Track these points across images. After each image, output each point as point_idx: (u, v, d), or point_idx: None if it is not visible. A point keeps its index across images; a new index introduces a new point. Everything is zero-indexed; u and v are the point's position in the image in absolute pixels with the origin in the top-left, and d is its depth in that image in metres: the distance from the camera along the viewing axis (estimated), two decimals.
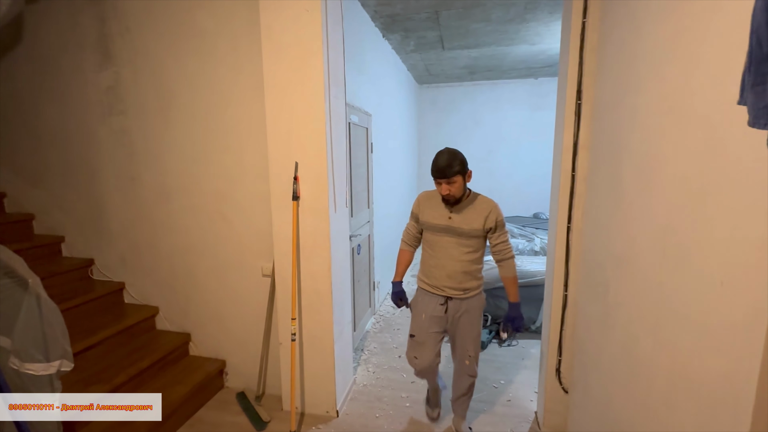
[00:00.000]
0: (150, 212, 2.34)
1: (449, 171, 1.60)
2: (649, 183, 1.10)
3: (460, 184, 1.64)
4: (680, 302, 0.92)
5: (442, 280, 1.74)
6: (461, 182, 1.64)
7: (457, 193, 1.65)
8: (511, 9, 2.96)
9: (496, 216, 1.69)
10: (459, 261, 1.70)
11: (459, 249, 1.70)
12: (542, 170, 5.58)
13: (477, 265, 1.75)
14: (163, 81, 2.18)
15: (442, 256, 1.73)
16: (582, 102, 1.67)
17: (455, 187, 1.64)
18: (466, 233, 1.68)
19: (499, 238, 1.71)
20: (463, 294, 1.74)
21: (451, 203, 1.70)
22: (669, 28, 1.02)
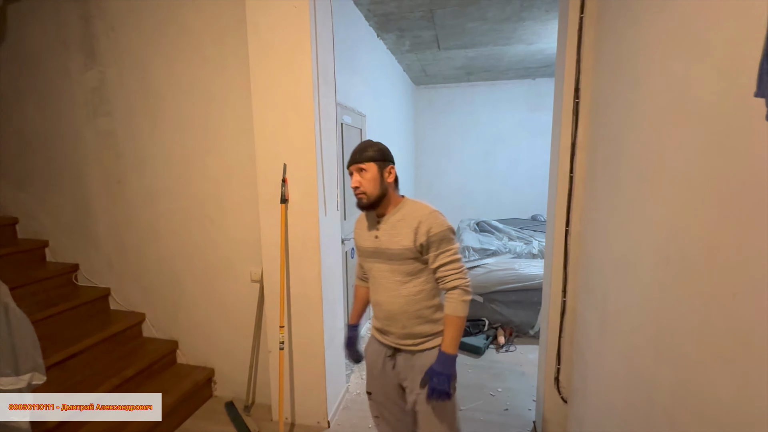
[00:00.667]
0: (137, 216, 2.28)
1: (361, 155, 1.24)
2: (649, 183, 1.04)
3: (373, 176, 1.23)
4: (685, 313, 0.86)
5: (383, 323, 1.30)
6: (376, 174, 1.24)
7: (369, 188, 1.23)
8: (506, 7, 2.91)
9: (429, 227, 1.19)
10: (397, 296, 1.25)
11: (393, 279, 1.25)
12: (540, 172, 5.52)
13: (428, 301, 1.25)
14: (149, 81, 2.12)
15: (378, 289, 1.30)
16: (580, 101, 1.61)
17: (367, 179, 1.23)
18: (396, 255, 1.22)
19: (438, 260, 1.20)
20: (412, 345, 1.26)
21: (369, 211, 1.28)
22: (670, 18, 0.95)
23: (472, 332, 2.98)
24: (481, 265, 3.15)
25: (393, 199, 1.29)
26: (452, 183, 5.94)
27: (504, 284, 3.02)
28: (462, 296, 1.20)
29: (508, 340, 2.92)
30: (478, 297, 3.07)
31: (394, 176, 1.29)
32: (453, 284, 1.21)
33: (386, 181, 1.26)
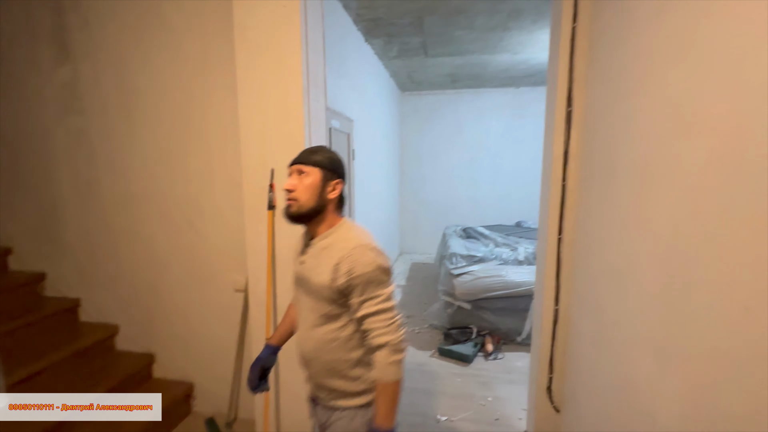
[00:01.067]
0: (110, 220, 2.14)
1: (308, 156, 1.04)
2: (647, 194, 1.03)
3: (314, 184, 1.01)
4: (692, 326, 0.84)
5: (301, 364, 1.11)
6: (317, 183, 1.01)
7: (304, 196, 1.01)
8: (495, 16, 2.93)
9: (351, 266, 0.95)
10: (308, 337, 1.05)
11: (309, 316, 1.05)
12: (524, 179, 5.62)
13: (344, 353, 1.02)
14: (126, 78, 2.01)
15: (298, 322, 1.10)
16: (572, 109, 1.61)
17: (305, 185, 1.01)
18: (314, 290, 1.02)
19: (362, 308, 0.97)
20: (327, 398, 1.07)
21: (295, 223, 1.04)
22: (669, 28, 0.95)
23: (460, 340, 2.96)
24: (469, 272, 3.14)
25: (329, 219, 1.05)
26: (437, 189, 5.96)
27: (491, 291, 3.01)
28: (390, 357, 0.95)
29: (496, 347, 2.91)
30: (465, 304, 3.05)
31: (338, 194, 1.06)
32: (379, 341, 0.96)
33: (326, 196, 1.03)
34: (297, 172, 1.04)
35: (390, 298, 1.00)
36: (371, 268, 0.96)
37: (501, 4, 2.73)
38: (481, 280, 3.06)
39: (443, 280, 3.33)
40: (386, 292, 0.99)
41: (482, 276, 3.08)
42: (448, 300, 3.14)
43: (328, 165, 1.04)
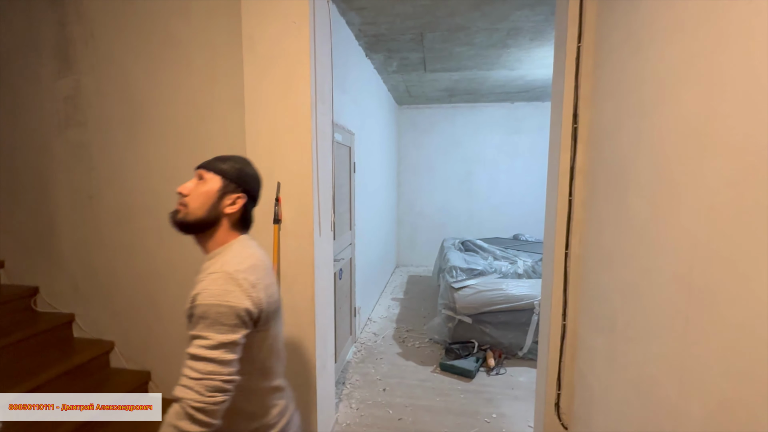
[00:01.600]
0: (109, 234, 2.10)
1: (214, 163, 0.95)
2: (666, 213, 1.04)
3: (209, 192, 0.92)
4: (716, 346, 0.84)
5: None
6: (213, 192, 0.92)
7: (195, 203, 0.91)
8: (494, 34, 2.99)
9: (198, 291, 0.82)
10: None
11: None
12: (520, 192, 5.67)
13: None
14: (129, 91, 1.99)
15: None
16: (578, 126, 1.64)
17: (199, 191, 0.92)
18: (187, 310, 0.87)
19: (190, 345, 0.80)
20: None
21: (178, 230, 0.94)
22: (682, 50, 0.98)
23: (461, 355, 2.93)
24: (469, 286, 3.13)
25: (221, 236, 0.93)
26: (434, 201, 5.98)
27: (493, 305, 3.00)
28: (178, 420, 0.75)
29: (498, 362, 2.88)
30: (467, 318, 3.03)
31: (238, 209, 0.95)
32: (176, 392, 0.77)
33: (222, 209, 0.93)
34: (198, 176, 0.94)
35: (221, 348, 0.78)
36: (216, 302, 0.79)
37: (500, 23, 2.79)
38: (482, 294, 3.05)
39: (443, 293, 3.31)
40: (218, 338, 0.78)
41: (483, 289, 3.08)
42: (449, 314, 3.11)
43: (233, 176, 0.94)
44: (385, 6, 2.52)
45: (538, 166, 5.37)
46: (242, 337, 0.83)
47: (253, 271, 0.89)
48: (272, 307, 0.93)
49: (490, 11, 2.59)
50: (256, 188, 1.00)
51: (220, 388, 0.77)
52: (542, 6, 2.51)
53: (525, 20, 2.74)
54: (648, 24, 1.14)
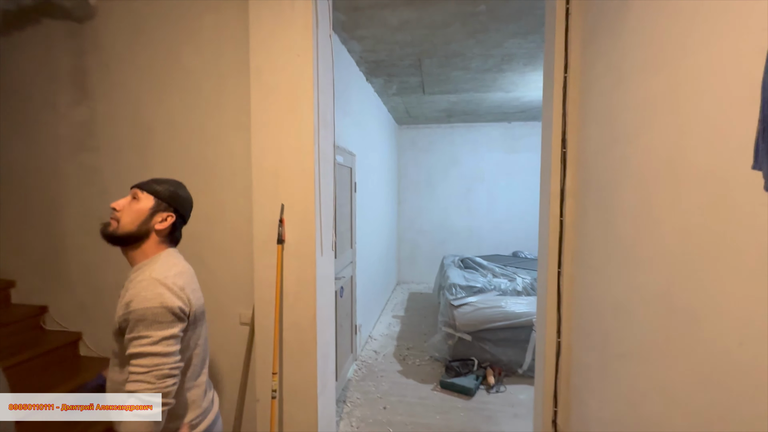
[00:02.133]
0: (118, 254, 2.15)
1: (149, 184, 1.06)
2: (646, 234, 1.11)
3: (141, 210, 1.01)
4: (694, 360, 0.89)
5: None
6: (145, 210, 1.02)
7: (127, 218, 1.01)
8: (489, 60, 3.13)
9: (131, 298, 0.91)
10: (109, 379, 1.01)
11: (113, 355, 1.01)
12: (519, 210, 5.75)
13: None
14: (141, 117, 2.09)
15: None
16: (567, 150, 1.72)
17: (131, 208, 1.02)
18: (113, 326, 0.97)
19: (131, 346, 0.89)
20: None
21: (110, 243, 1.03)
22: (660, 83, 1.06)
23: (461, 372, 2.94)
24: (469, 303, 3.16)
25: (149, 249, 1.02)
26: (434, 219, 6.06)
27: (492, 322, 3.03)
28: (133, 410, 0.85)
29: (498, 379, 2.89)
30: (466, 336, 3.06)
31: (167, 227, 1.04)
32: (129, 387, 0.87)
33: (152, 225, 1.02)
34: (132, 195, 1.05)
35: (162, 342, 0.88)
36: (151, 304, 0.89)
37: (494, 50, 2.92)
38: (481, 311, 3.08)
39: (443, 311, 3.34)
40: (158, 335, 0.88)
41: (482, 307, 3.11)
42: (449, 331, 3.14)
43: (165, 196, 1.05)
44: (385, 35, 2.65)
45: (537, 184, 5.45)
46: (180, 330, 0.94)
47: (181, 276, 1.00)
48: (199, 310, 1.05)
49: (485, 39, 2.72)
50: (187, 209, 1.13)
51: (167, 374, 0.88)
52: (534, 35, 2.64)
53: (518, 47, 2.87)
54: (628, 58, 1.24)
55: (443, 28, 2.53)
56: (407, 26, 2.51)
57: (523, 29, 2.56)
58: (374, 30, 2.56)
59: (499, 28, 2.54)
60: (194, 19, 2.00)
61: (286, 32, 1.77)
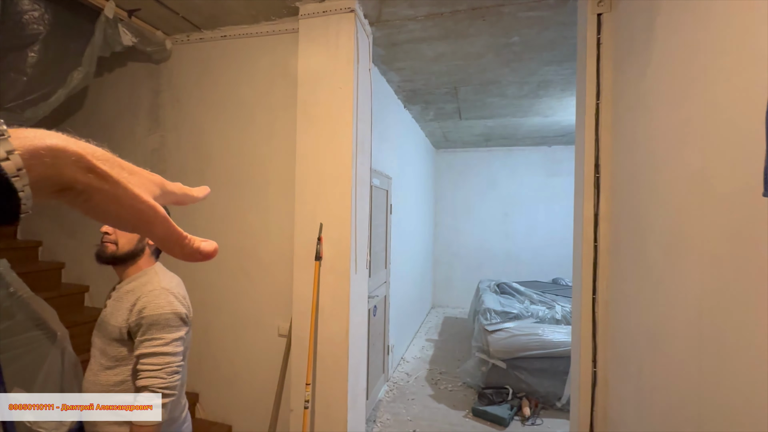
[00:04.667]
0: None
1: None
2: (676, 260, 1.10)
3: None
4: (725, 394, 0.87)
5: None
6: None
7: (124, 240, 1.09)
8: (524, 87, 3.18)
9: (144, 306, 1.03)
10: (93, 382, 1.07)
11: (98, 360, 1.07)
12: (560, 235, 5.56)
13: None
14: (203, 145, 2.37)
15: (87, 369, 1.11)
16: (600, 175, 1.72)
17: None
18: (109, 332, 1.06)
19: (140, 348, 1.01)
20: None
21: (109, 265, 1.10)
22: (683, 114, 1.08)
23: (495, 401, 2.86)
24: (504, 329, 3.10)
25: (141, 263, 1.12)
26: (471, 242, 6.00)
27: (528, 350, 2.94)
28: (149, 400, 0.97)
29: (533, 411, 2.78)
30: (500, 363, 2.98)
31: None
32: (142, 383, 0.98)
33: (146, 241, 1.11)
34: None
35: (172, 343, 1.01)
36: (162, 311, 1.02)
37: (530, 77, 2.98)
38: (516, 338, 3.00)
39: (477, 336, 3.29)
40: (170, 337, 1.01)
41: (518, 333, 3.03)
42: (483, 357, 3.08)
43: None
44: (422, 66, 2.81)
45: None
46: (186, 333, 1.08)
47: (179, 287, 1.13)
48: (191, 316, 1.17)
49: (519, 67, 2.79)
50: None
51: (176, 371, 1.02)
52: (569, 62, 2.67)
53: (554, 74, 2.91)
54: (655, 89, 1.27)
55: (477, 58, 2.64)
56: (443, 58, 2.65)
57: (558, 57, 2.61)
58: (411, 62, 2.73)
59: (533, 57, 2.61)
60: (252, 59, 2.26)
61: (330, 68, 1.97)
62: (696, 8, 1.03)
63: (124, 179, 0.31)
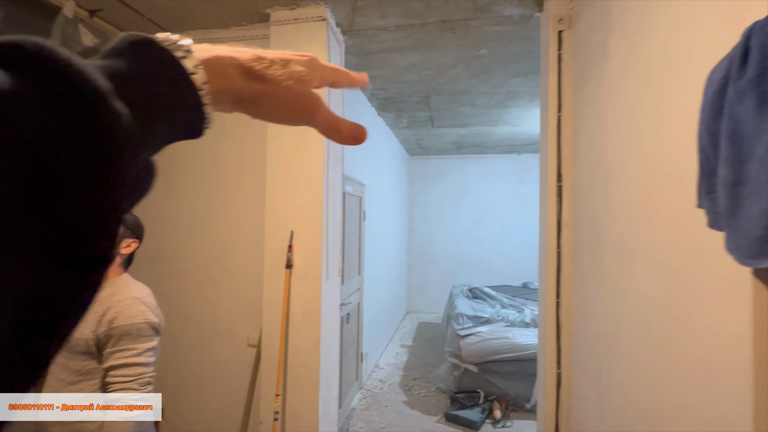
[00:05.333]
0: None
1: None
2: (630, 266, 1.17)
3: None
4: (671, 390, 0.93)
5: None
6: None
7: None
8: (493, 97, 3.29)
9: (115, 316, 0.99)
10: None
11: (59, 376, 1.02)
12: (529, 240, 5.73)
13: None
14: (169, 150, 2.25)
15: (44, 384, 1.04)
16: (562, 184, 1.80)
17: None
18: (72, 345, 1.00)
19: (110, 360, 0.97)
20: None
21: None
22: (632, 129, 1.16)
23: (467, 405, 2.90)
24: (475, 333, 3.16)
25: (111, 272, 1.09)
26: (444, 248, 6.09)
27: (498, 354, 3.00)
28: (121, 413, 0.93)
29: (504, 414, 2.84)
30: (472, 367, 3.03)
31: (130, 251, 1.15)
32: (115, 395, 0.95)
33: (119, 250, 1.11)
34: None
35: (144, 353, 0.99)
36: (136, 320, 1.00)
37: (499, 88, 3.08)
38: (487, 342, 3.07)
39: (450, 341, 3.34)
40: (142, 347, 0.99)
41: (489, 338, 3.10)
42: (455, 362, 3.12)
43: (131, 225, 1.15)
44: (394, 75, 2.85)
45: None
46: (158, 343, 1.07)
47: (150, 296, 1.13)
48: (162, 326, 1.16)
49: (488, 78, 2.89)
50: (143, 236, 1.23)
51: (148, 381, 1.00)
52: (535, 74, 2.78)
53: (521, 86, 3.03)
54: (609, 105, 1.34)
55: (448, 69, 2.71)
56: (415, 68, 2.70)
57: (524, 70, 2.72)
58: (384, 71, 2.76)
59: (501, 69, 2.71)
60: None
61: None
62: (643, 29, 1.11)
63: (282, 77, 0.30)
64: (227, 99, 0.28)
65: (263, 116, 0.31)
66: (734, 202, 0.58)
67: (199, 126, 0.27)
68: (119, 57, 0.23)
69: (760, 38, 0.54)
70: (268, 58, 0.30)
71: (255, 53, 0.29)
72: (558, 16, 1.78)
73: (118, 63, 0.23)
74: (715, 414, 0.77)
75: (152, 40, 0.24)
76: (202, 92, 0.26)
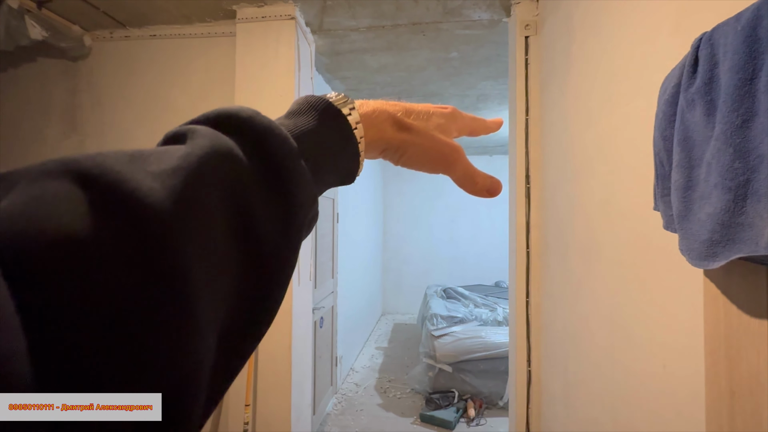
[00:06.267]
0: None
1: None
2: (592, 266, 1.21)
3: None
4: (632, 384, 0.96)
5: None
6: None
7: None
8: (465, 99, 3.34)
9: None
10: None
11: None
12: (501, 240, 5.86)
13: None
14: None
15: None
16: (530, 186, 1.84)
17: None
18: None
19: None
20: None
21: None
22: (593, 134, 1.20)
23: (442, 405, 2.92)
24: (449, 333, 3.19)
25: None
26: (419, 248, 6.13)
27: (472, 353, 3.04)
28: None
29: (478, 412, 2.88)
30: (447, 367, 3.06)
31: None
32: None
33: None
34: None
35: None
36: None
37: (469, 90, 3.13)
38: (461, 342, 3.10)
39: (424, 341, 3.35)
40: None
41: (462, 337, 3.14)
42: (430, 362, 3.14)
43: None
44: (366, 76, 2.84)
45: None
46: None
47: None
48: None
49: (459, 81, 2.93)
50: None
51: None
52: (504, 78, 2.85)
53: (491, 89, 3.09)
54: (572, 109, 1.38)
55: (420, 71, 2.73)
56: (386, 69, 2.70)
57: (494, 73, 2.77)
58: (355, 71, 2.74)
59: (472, 72, 2.75)
60: (185, 61, 2.14)
61: (271, 75, 1.91)
62: (603, 37, 1.14)
63: (426, 128, 0.33)
64: (378, 147, 0.31)
65: (405, 163, 0.34)
66: (685, 206, 0.60)
67: (355, 173, 0.31)
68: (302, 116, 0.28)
69: (707, 49, 0.56)
70: (415, 110, 0.33)
71: (404, 106, 0.33)
72: (525, 22, 1.82)
73: (301, 122, 0.27)
74: (671, 407, 0.80)
75: (330, 102, 0.29)
76: (360, 144, 0.29)
